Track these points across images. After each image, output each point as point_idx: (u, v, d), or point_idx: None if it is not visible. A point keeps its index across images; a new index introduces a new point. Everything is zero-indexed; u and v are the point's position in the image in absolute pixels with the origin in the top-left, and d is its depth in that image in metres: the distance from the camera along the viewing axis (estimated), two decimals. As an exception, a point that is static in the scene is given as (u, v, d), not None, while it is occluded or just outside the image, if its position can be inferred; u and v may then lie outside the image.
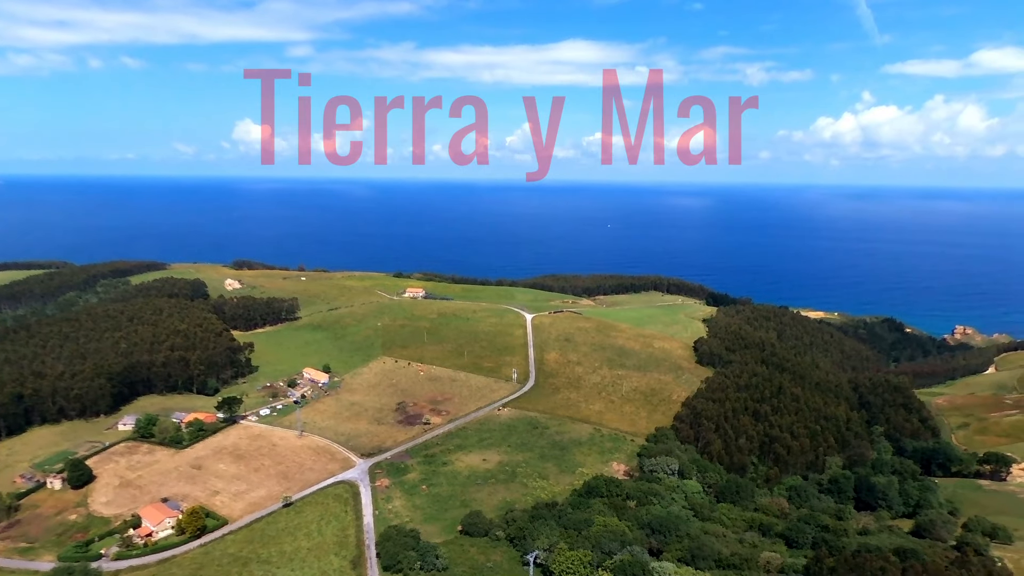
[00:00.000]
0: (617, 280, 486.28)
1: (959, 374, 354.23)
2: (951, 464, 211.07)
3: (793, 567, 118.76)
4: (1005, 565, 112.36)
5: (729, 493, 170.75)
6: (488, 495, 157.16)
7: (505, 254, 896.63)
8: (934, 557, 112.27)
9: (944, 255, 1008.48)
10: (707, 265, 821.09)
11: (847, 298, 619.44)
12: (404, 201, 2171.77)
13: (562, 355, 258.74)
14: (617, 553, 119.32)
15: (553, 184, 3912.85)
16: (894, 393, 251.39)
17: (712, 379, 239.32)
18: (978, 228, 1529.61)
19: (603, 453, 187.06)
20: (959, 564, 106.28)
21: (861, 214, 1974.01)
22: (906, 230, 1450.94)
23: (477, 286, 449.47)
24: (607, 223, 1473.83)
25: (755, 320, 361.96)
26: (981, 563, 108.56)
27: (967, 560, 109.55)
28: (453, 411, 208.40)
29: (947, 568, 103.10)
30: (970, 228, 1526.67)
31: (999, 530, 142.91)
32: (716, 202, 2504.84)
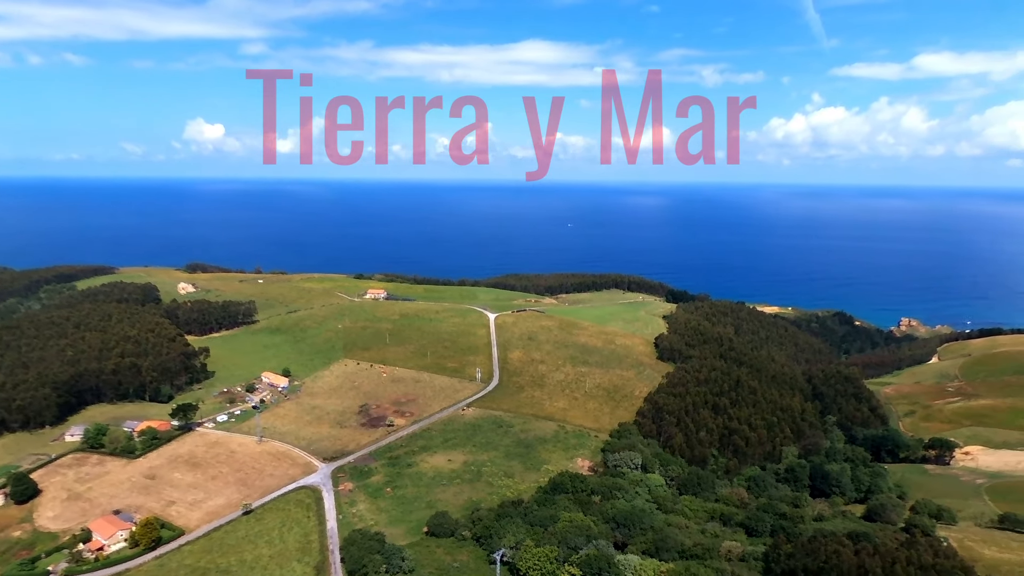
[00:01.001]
0: (579, 279, 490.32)
1: (905, 364, 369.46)
2: (899, 450, 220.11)
3: (753, 555, 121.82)
4: (950, 544, 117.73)
5: (691, 485, 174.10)
6: (454, 495, 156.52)
7: (467, 254, 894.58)
8: (885, 539, 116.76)
9: (890, 251, 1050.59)
10: (667, 263, 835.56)
11: (800, 293, 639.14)
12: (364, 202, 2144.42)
13: (526, 354, 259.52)
14: (583, 548, 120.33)
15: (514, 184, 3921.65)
16: (845, 384, 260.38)
17: (673, 374, 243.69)
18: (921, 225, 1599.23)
19: (568, 450, 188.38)
20: (908, 545, 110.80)
21: (812, 212, 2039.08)
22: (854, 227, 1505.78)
23: (440, 286, 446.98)
24: (567, 222, 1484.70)
25: (713, 316, 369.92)
26: (928, 543, 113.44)
27: (915, 541, 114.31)
28: (417, 412, 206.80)
29: (897, 549, 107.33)
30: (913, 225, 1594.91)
31: (944, 512, 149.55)
32: (674, 201, 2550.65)
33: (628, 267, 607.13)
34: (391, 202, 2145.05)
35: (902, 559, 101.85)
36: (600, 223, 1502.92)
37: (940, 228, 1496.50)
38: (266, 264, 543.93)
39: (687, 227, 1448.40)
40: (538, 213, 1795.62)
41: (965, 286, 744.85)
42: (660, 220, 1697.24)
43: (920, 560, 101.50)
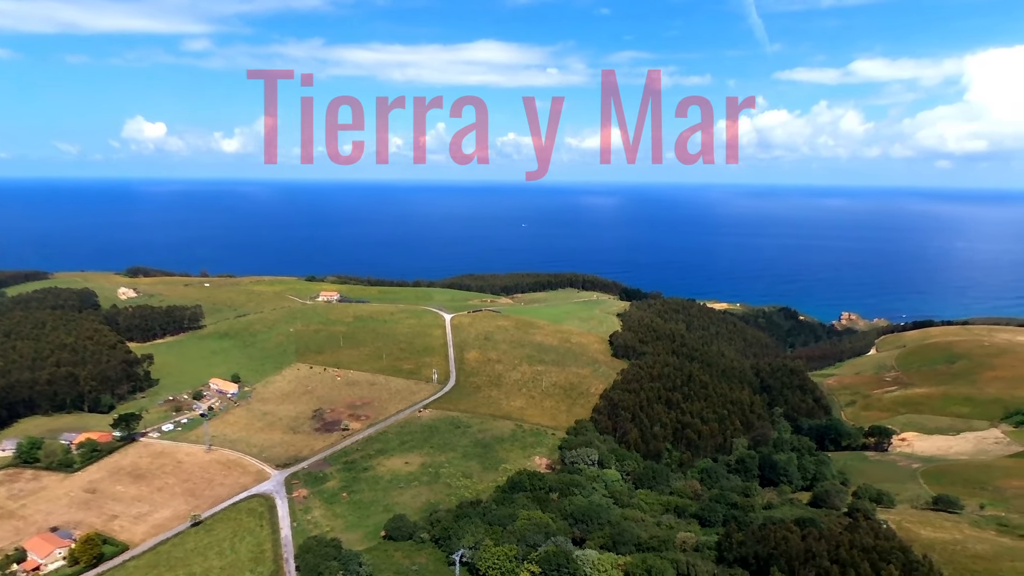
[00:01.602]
0: (534, 278, 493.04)
1: (846, 356, 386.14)
2: (841, 439, 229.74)
3: (707, 544, 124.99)
4: (889, 526, 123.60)
5: (646, 479, 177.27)
6: (412, 498, 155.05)
7: (423, 255, 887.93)
8: (829, 524, 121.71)
9: (831, 248, 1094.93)
10: (620, 261, 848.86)
11: (748, 290, 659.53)
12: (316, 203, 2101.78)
13: (482, 354, 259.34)
14: (542, 545, 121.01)
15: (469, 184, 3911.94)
16: (791, 376, 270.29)
17: (627, 371, 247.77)
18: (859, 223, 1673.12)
19: (525, 448, 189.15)
20: (851, 529, 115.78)
21: (758, 211, 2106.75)
22: (798, 226, 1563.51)
23: (394, 288, 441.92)
24: (522, 222, 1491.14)
25: (666, 313, 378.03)
26: (869, 526, 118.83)
27: (858, 524, 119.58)
28: (373, 415, 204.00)
29: (841, 533, 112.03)
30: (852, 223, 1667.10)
31: (883, 495, 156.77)
32: (626, 201, 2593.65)
33: (583, 266, 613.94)
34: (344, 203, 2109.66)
35: (845, 542, 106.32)
36: (555, 223, 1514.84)
37: (876, 226, 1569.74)
38: (213, 267, 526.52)
39: (639, 226, 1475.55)
40: (493, 213, 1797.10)
41: (900, 281, 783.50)
42: (613, 220, 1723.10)
43: (862, 542, 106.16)
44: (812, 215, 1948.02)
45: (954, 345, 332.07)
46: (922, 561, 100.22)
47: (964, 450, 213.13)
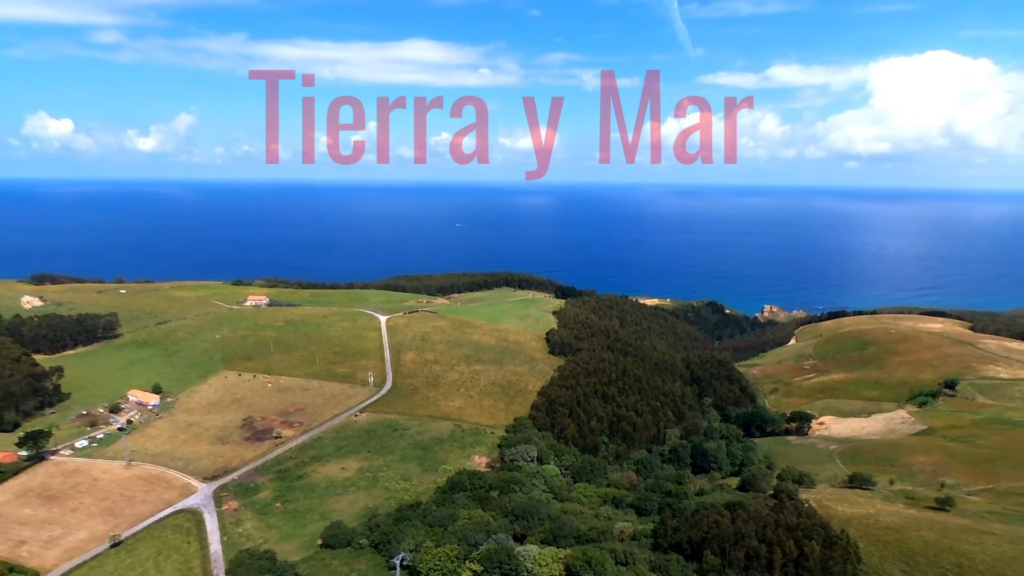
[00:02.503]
0: (470, 278, 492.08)
1: (768, 347, 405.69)
2: (766, 425, 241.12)
3: (643, 533, 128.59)
4: (811, 505, 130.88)
5: (584, 473, 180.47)
6: (349, 504, 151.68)
7: (356, 256, 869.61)
8: (757, 506, 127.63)
9: (753, 244, 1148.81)
10: (555, 260, 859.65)
11: (677, 285, 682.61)
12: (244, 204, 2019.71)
13: (419, 355, 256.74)
14: (483, 544, 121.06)
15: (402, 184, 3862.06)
16: (719, 367, 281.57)
17: (564, 367, 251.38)
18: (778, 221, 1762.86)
19: (465, 448, 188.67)
20: (776, 509, 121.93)
21: (686, 209, 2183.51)
22: (723, 223, 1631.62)
23: (327, 290, 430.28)
24: (456, 222, 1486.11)
25: (600, 309, 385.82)
26: (793, 506, 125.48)
27: (782, 505, 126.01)
28: (307, 421, 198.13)
29: (767, 514, 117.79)
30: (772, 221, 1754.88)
31: (805, 476, 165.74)
32: (559, 200, 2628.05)
33: (518, 265, 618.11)
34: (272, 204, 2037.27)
35: (771, 522, 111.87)
36: (489, 223, 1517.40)
37: (794, 223, 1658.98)
38: (129, 273, 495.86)
39: (573, 226, 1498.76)
40: (427, 214, 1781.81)
41: (816, 275, 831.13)
42: (547, 219, 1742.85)
43: (787, 522, 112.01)
44: (736, 213, 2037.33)
45: (864, 333, 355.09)
46: (840, 536, 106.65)
47: (875, 431, 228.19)
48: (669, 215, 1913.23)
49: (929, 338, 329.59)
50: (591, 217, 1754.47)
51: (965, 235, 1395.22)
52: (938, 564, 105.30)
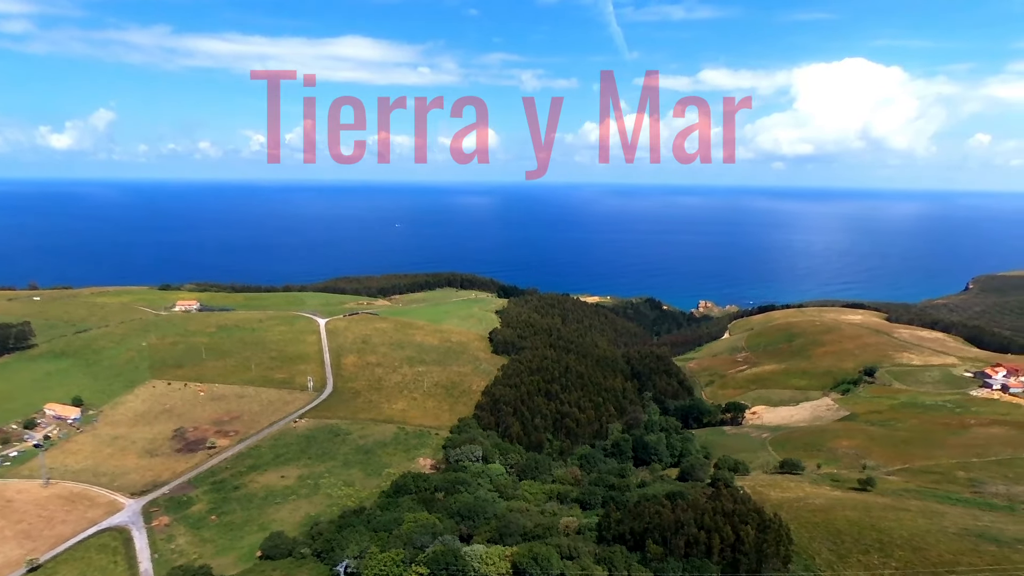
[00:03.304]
0: (412, 279, 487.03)
1: (704, 341, 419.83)
2: (703, 416, 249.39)
3: (588, 526, 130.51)
4: (746, 492, 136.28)
5: (529, 470, 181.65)
6: (290, 513, 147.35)
7: (292, 258, 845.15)
8: (695, 495, 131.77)
9: (688, 242, 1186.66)
10: (497, 260, 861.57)
11: (617, 283, 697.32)
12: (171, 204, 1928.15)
13: (360, 357, 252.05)
14: (429, 546, 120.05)
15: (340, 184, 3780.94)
16: (658, 362, 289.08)
17: (507, 366, 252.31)
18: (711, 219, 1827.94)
19: (409, 450, 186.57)
20: (713, 497, 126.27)
21: (624, 209, 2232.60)
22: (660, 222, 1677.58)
23: (262, 293, 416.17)
24: (396, 223, 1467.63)
25: (542, 308, 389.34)
26: (729, 493, 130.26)
27: (719, 493, 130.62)
28: (243, 430, 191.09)
29: (705, 502, 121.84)
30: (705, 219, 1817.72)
31: (740, 464, 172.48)
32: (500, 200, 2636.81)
33: (461, 265, 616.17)
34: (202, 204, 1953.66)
35: (709, 510, 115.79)
36: (431, 223, 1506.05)
37: (726, 222, 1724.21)
38: (44, 279, 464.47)
39: (515, 225, 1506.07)
40: (367, 214, 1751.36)
41: (747, 270, 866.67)
42: (489, 219, 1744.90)
43: (723, 508, 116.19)
44: (672, 212, 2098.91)
45: (792, 326, 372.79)
46: (773, 519, 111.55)
47: (803, 418, 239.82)
48: (609, 215, 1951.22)
49: (850, 329, 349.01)
50: (533, 217, 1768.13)
51: (882, 232, 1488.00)
52: (862, 541, 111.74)
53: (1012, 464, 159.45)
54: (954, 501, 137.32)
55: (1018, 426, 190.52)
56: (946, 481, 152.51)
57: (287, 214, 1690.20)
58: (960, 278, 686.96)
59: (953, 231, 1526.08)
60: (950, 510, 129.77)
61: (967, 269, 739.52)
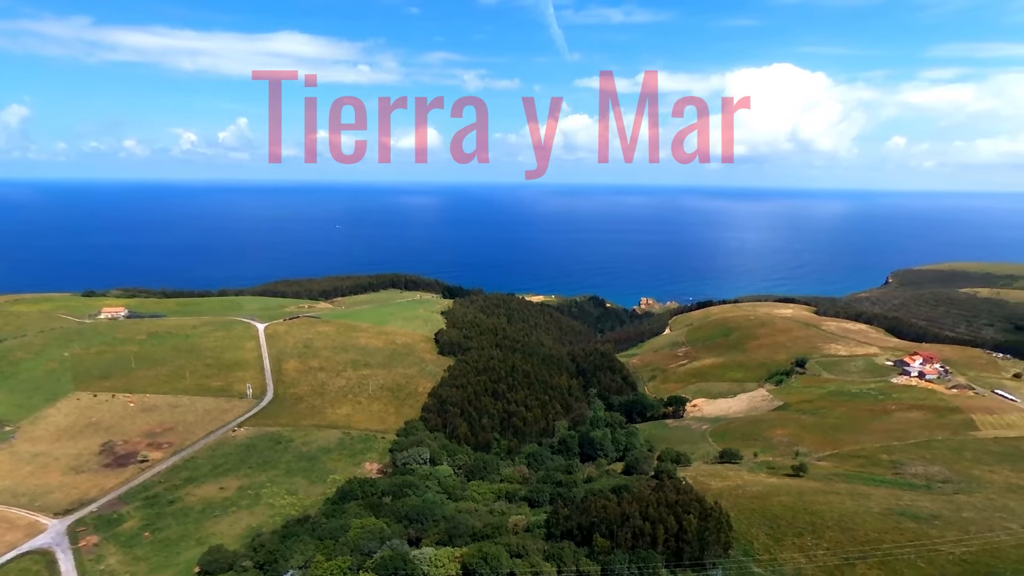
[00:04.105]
0: (355, 281, 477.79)
1: (646, 337, 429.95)
2: (646, 410, 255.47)
3: (536, 524, 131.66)
4: (688, 482, 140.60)
5: (477, 470, 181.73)
6: (229, 525, 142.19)
7: (228, 261, 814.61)
8: (640, 487, 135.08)
9: (630, 241, 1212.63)
10: (442, 260, 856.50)
11: (561, 282, 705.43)
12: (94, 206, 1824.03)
13: (302, 362, 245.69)
14: (377, 552, 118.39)
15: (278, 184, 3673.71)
16: (602, 359, 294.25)
17: (454, 367, 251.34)
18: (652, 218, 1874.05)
19: (354, 455, 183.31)
20: (657, 489, 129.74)
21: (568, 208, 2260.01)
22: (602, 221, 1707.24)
23: (196, 298, 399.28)
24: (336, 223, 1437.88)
25: (488, 308, 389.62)
26: (672, 484, 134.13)
27: (663, 484, 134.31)
28: (177, 441, 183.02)
29: (650, 494, 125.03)
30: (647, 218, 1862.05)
31: (682, 456, 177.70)
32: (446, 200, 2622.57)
33: (405, 266, 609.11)
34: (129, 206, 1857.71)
35: (654, 501, 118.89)
36: (373, 223, 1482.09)
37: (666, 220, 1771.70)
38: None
39: (459, 225, 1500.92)
40: (308, 215, 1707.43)
41: (687, 267, 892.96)
42: (433, 219, 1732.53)
43: (667, 499, 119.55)
44: (613, 211, 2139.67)
45: (729, 321, 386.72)
46: (714, 508, 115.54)
47: (740, 409, 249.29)
48: (552, 214, 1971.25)
49: (782, 322, 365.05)
50: (478, 217, 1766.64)
51: (811, 230, 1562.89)
52: (796, 524, 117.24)
53: (928, 446, 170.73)
54: (878, 483, 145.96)
55: (933, 410, 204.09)
56: (871, 464, 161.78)
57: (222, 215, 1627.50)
58: (881, 272, 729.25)
59: (874, 228, 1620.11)
60: (875, 491, 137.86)
61: (887, 264, 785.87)
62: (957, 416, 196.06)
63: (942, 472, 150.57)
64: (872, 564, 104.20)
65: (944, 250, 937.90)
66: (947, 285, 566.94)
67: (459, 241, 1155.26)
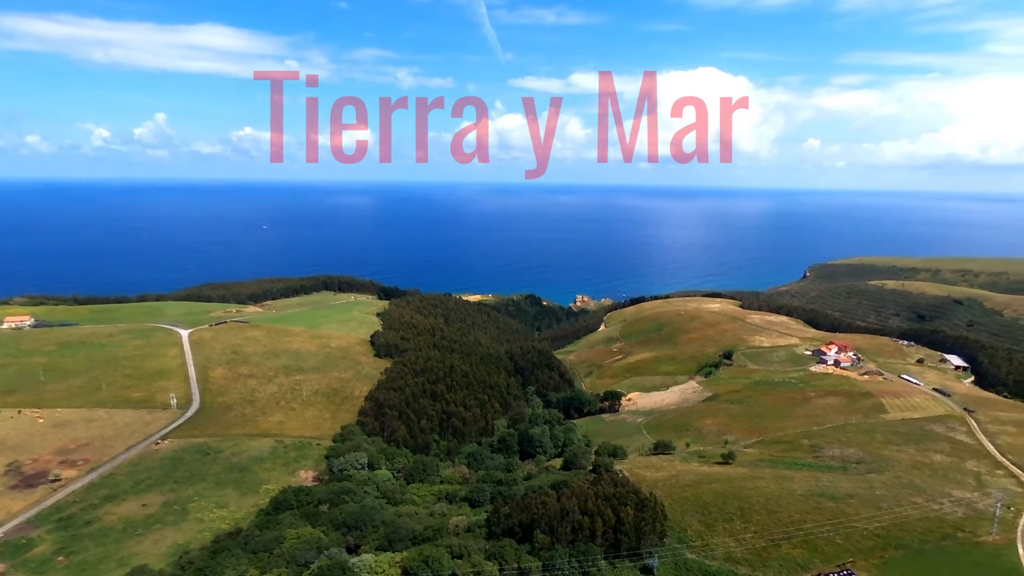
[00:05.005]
0: (285, 283, 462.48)
1: (582, 334, 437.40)
2: (583, 406, 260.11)
3: (478, 523, 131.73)
4: (624, 475, 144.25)
5: (417, 473, 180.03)
6: (154, 544, 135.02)
7: (148, 265, 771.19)
8: (579, 482, 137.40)
9: (565, 239, 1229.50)
10: (377, 261, 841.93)
11: (498, 281, 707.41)
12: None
13: (231, 369, 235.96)
14: (315, 561, 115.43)
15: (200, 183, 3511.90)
16: (539, 357, 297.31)
17: (391, 369, 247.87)
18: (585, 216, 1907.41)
19: (288, 464, 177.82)
20: (595, 483, 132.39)
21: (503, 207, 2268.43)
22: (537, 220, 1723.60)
23: (112, 305, 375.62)
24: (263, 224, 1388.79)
25: (424, 308, 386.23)
26: (609, 478, 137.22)
27: (600, 478, 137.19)
28: (94, 458, 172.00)
29: (588, 488, 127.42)
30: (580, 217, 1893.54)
31: (618, 449, 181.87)
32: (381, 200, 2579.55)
33: (338, 268, 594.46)
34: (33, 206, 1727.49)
35: (592, 495, 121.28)
36: (304, 224, 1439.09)
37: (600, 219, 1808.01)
38: None
39: (393, 225, 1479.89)
40: (232, 215, 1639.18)
41: (620, 265, 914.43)
42: (366, 219, 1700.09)
43: (604, 492, 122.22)
44: (549, 210, 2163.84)
45: (660, 316, 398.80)
46: (649, 498, 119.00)
47: (673, 401, 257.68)
48: (488, 213, 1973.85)
49: (710, 316, 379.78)
50: (413, 216, 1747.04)
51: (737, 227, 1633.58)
52: (726, 510, 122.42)
53: (844, 430, 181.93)
54: (800, 466, 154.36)
55: (848, 396, 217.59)
56: (793, 449, 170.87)
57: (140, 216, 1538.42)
58: (799, 267, 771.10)
59: (793, 225, 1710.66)
60: (797, 475, 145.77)
61: (805, 259, 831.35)
62: (869, 401, 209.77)
63: (856, 453, 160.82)
64: (796, 543, 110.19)
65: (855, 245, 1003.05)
66: (858, 278, 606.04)
67: (394, 241, 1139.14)
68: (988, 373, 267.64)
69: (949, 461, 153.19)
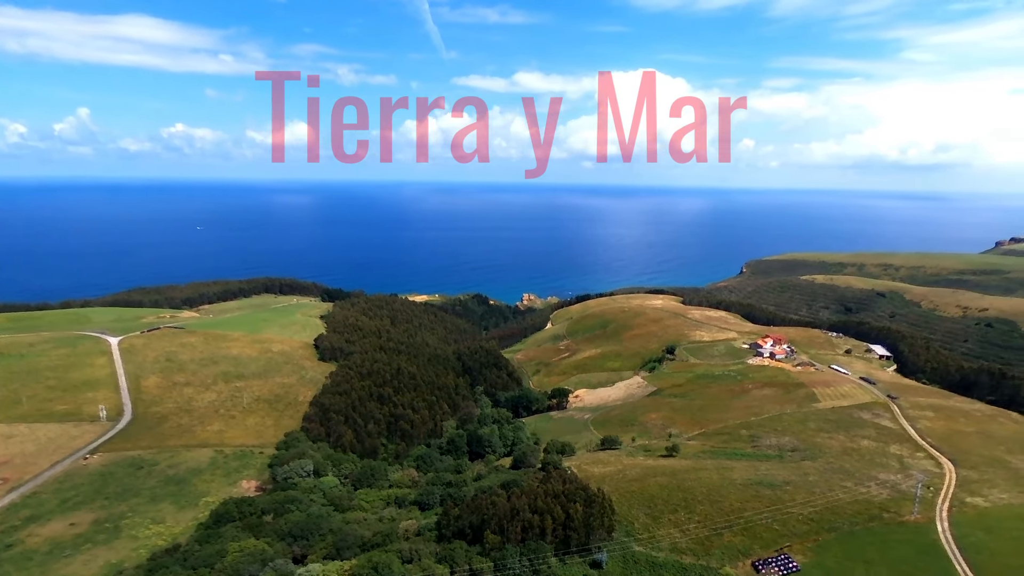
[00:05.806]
0: (223, 286, 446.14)
1: (529, 332, 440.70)
2: (531, 404, 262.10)
3: (428, 527, 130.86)
4: (573, 471, 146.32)
5: (365, 478, 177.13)
6: (84, 565, 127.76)
7: (71, 269, 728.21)
8: (528, 481, 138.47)
9: (510, 238, 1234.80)
10: (319, 262, 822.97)
11: (445, 281, 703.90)
12: None
13: (165, 377, 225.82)
14: (259, 574, 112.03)
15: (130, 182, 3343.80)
16: (487, 356, 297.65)
17: (336, 373, 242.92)
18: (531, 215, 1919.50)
19: (229, 474, 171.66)
20: (544, 481, 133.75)
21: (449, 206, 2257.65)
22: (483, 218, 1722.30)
23: (33, 312, 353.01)
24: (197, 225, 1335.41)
25: (370, 310, 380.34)
26: (558, 475, 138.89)
27: (549, 476, 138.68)
28: (14, 476, 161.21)
29: (538, 486, 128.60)
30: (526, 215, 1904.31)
31: (566, 446, 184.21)
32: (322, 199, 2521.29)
33: (279, 270, 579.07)
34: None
35: (541, 493, 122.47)
36: (242, 225, 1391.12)
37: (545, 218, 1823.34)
38: None
39: (336, 225, 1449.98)
40: (162, 216, 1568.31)
41: (565, 263, 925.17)
42: (308, 219, 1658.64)
43: (554, 490, 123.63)
44: (493, 209, 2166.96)
45: (605, 313, 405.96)
46: (597, 494, 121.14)
47: (618, 397, 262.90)
48: (434, 212, 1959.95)
49: (653, 312, 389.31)
50: (357, 216, 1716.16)
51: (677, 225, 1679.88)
52: (671, 502, 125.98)
53: (780, 420, 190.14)
54: (739, 456, 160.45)
55: (783, 387, 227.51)
56: (733, 440, 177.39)
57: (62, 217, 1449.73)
58: (736, 263, 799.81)
59: (730, 223, 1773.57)
60: (737, 464, 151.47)
61: (742, 255, 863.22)
62: (802, 391, 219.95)
63: (791, 442, 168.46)
64: (737, 531, 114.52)
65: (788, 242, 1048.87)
66: (791, 273, 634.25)
67: (338, 241, 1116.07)
68: (908, 361, 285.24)
69: (875, 446, 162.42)
